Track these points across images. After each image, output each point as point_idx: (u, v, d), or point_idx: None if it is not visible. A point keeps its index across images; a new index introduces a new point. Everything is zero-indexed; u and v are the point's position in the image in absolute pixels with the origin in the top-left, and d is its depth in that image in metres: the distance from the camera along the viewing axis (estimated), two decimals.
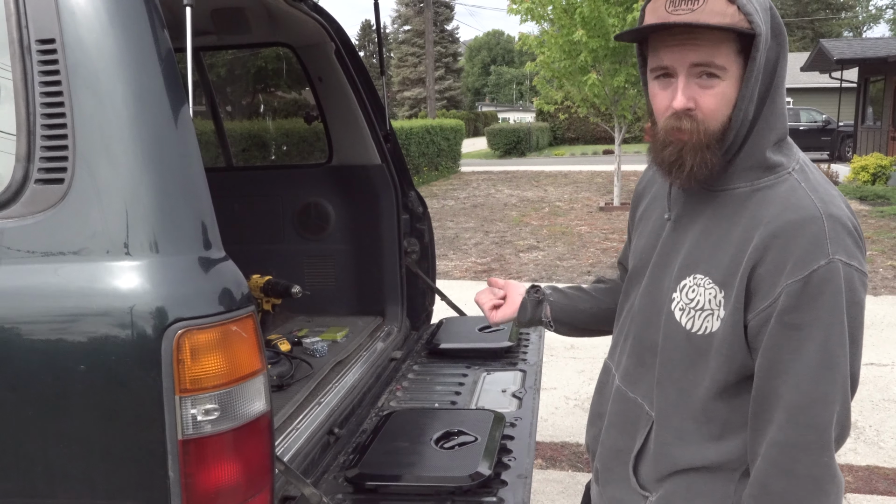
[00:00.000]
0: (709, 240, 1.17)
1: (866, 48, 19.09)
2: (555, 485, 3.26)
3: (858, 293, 1.07)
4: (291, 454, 1.79)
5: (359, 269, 2.99)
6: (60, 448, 1.21)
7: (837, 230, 1.06)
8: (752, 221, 1.11)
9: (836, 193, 1.13)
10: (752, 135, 1.13)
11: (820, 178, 1.15)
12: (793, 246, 1.06)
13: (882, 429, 3.84)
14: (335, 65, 2.76)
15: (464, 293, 5.87)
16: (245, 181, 3.19)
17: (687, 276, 1.19)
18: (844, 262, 1.05)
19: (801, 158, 1.17)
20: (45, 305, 1.21)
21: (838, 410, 1.07)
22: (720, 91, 1.10)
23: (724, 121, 1.11)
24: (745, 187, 1.14)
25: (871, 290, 6.67)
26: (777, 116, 1.13)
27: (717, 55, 1.08)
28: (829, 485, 1.08)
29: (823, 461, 1.07)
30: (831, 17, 57.78)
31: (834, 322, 1.05)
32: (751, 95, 1.10)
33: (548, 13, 11.60)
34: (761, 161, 1.13)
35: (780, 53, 1.11)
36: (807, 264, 1.05)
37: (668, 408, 1.23)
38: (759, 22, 1.06)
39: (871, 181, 14.53)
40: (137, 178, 1.21)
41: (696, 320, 1.17)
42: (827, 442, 1.07)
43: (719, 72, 1.09)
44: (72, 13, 1.23)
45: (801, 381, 1.06)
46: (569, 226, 10.77)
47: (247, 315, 1.26)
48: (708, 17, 1.06)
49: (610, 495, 1.35)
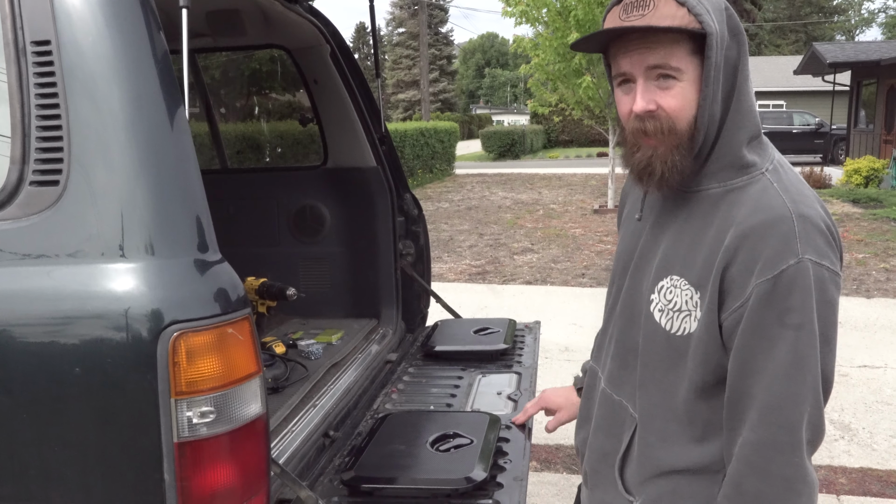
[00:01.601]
0: (684, 241, 1.18)
1: (859, 52, 19.20)
2: (550, 487, 3.26)
3: (829, 292, 1.07)
4: (287, 457, 1.79)
5: (354, 271, 2.98)
6: (55, 451, 1.21)
7: (808, 230, 1.07)
8: (724, 222, 1.12)
9: (810, 193, 1.13)
10: (723, 134, 1.13)
11: (793, 177, 1.15)
12: (762, 246, 1.07)
13: (875, 431, 3.86)
14: (330, 67, 2.76)
15: (459, 295, 5.85)
16: (240, 183, 3.18)
17: (664, 278, 1.20)
18: (814, 262, 1.06)
19: (776, 158, 1.17)
20: (40, 308, 1.21)
21: (809, 411, 1.07)
22: (679, 91, 1.11)
23: (690, 121, 1.12)
24: (717, 188, 1.15)
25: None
26: (745, 114, 1.14)
27: (671, 57, 1.10)
28: (801, 485, 1.08)
29: (795, 461, 1.07)
30: (824, 20, 58.04)
31: (804, 322, 1.06)
32: (713, 95, 1.10)
33: (542, 16, 11.62)
34: (735, 160, 1.14)
35: (739, 52, 1.12)
36: (776, 264, 1.06)
37: (651, 409, 1.23)
38: (709, 22, 1.07)
39: (863, 184, 14.61)
40: (133, 181, 1.21)
41: (674, 321, 1.18)
42: (798, 442, 1.07)
43: (676, 73, 1.10)
44: (67, 15, 1.22)
45: (772, 382, 1.07)
46: (563, 228, 10.78)
47: (242, 317, 1.26)
48: (658, 20, 1.08)
49: (598, 499, 1.36)
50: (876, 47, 20.07)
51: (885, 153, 16.23)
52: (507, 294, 6.93)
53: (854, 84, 19.30)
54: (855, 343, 5.29)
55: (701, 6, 1.08)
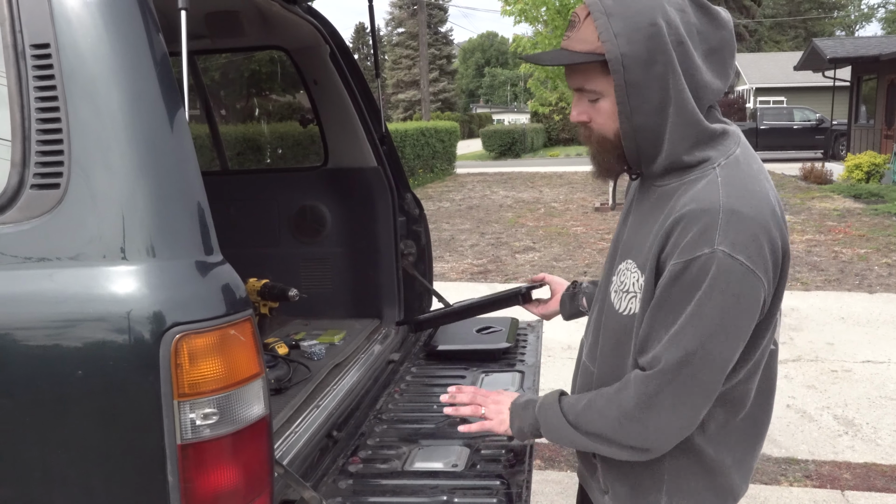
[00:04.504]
0: (642, 229, 1.28)
1: (859, 47, 19.15)
2: (553, 485, 3.26)
3: (736, 286, 1.12)
4: (290, 457, 1.79)
5: (355, 271, 2.98)
6: (58, 454, 1.21)
7: (731, 223, 1.12)
8: (669, 211, 1.20)
9: (759, 190, 1.18)
10: (667, 141, 1.21)
11: (747, 174, 1.20)
12: (686, 232, 1.14)
13: (879, 426, 3.85)
14: (330, 67, 2.76)
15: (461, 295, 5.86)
16: (241, 185, 3.18)
17: (622, 262, 1.31)
18: (727, 254, 1.11)
19: (735, 153, 1.22)
20: (42, 311, 1.21)
21: (677, 388, 1.16)
22: (602, 108, 1.24)
23: (616, 132, 1.24)
24: (674, 182, 1.23)
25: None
26: (687, 125, 1.19)
27: (587, 81, 1.23)
28: (631, 437, 1.22)
29: (642, 417, 1.20)
30: (824, 16, 57.97)
31: (702, 308, 1.13)
32: (628, 111, 1.20)
33: (541, 14, 11.62)
34: (678, 163, 1.22)
35: (667, 69, 1.16)
36: (692, 250, 1.13)
37: (605, 381, 1.33)
38: (612, 48, 1.16)
39: (864, 179, 14.59)
40: (134, 183, 1.21)
41: (622, 301, 1.29)
42: (651, 404, 1.18)
43: (594, 94, 1.23)
44: (66, 17, 1.22)
45: (661, 350, 1.17)
46: (564, 226, 10.78)
47: (245, 319, 1.26)
48: (575, 44, 1.21)
49: (579, 470, 1.52)
50: (876, 42, 20.02)
51: (886, 148, 16.20)
52: None
53: (854, 79, 19.27)
54: (858, 339, 5.29)
55: (609, 32, 1.16)
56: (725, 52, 1.22)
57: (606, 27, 1.16)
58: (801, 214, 11.10)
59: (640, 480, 1.31)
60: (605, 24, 1.16)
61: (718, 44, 1.21)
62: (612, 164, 1.29)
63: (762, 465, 3.46)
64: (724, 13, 1.23)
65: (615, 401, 1.24)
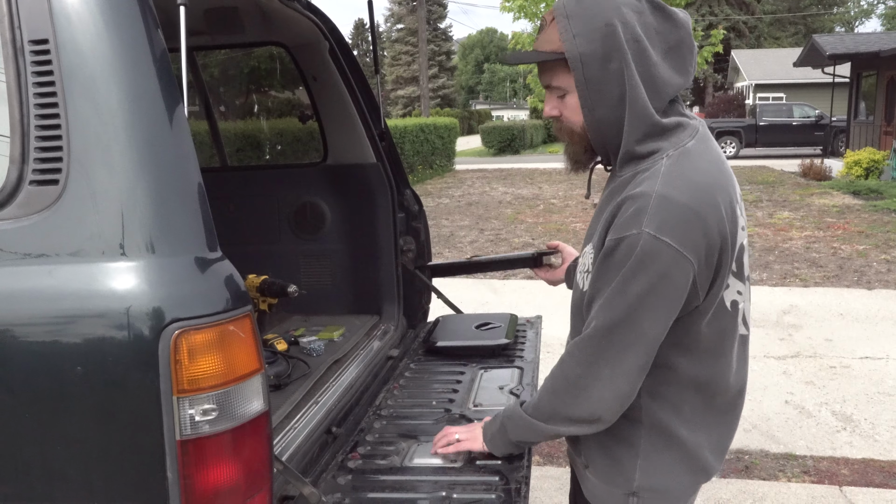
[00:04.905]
0: (600, 215, 1.38)
1: (858, 43, 19.14)
2: (552, 481, 3.27)
3: (658, 265, 1.21)
4: (290, 453, 1.79)
5: (355, 267, 2.98)
6: (58, 450, 1.21)
7: (661, 207, 1.21)
8: (620, 198, 1.30)
9: (701, 180, 1.25)
10: (624, 133, 1.30)
11: (693, 165, 1.27)
12: (623, 214, 1.25)
13: (877, 422, 3.86)
14: (329, 64, 2.76)
15: (460, 291, 5.87)
16: (240, 181, 3.18)
17: (586, 246, 1.42)
18: (652, 235, 1.20)
19: (688, 145, 1.30)
20: (41, 307, 1.21)
21: (600, 354, 1.28)
22: (568, 102, 1.35)
23: (582, 125, 1.35)
24: (629, 173, 1.32)
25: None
26: (638, 118, 1.28)
27: (553, 78, 1.34)
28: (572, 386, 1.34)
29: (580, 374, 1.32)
30: (823, 12, 57.91)
31: (627, 287, 1.23)
32: (590, 105, 1.31)
33: (541, 10, 11.62)
34: (631, 154, 1.31)
35: (622, 66, 1.26)
36: (623, 230, 1.24)
37: None
38: (571, 47, 1.27)
39: (864, 176, 14.59)
40: (133, 179, 1.21)
41: (585, 280, 1.39)
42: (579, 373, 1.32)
43: (561, 90, 1.35)
44: (65, 13, 1.22)
45: (592, 315, 1.30)
46: (564, 223, 10.78)
47: (244, 315, 1.26)
48: (541, 44, 1.33)
49: (568, 450, 1.59)
50: (875, 38, 20.00)
51: (886, 145, 16.20)
52: (508, 289, 6.93)
53: (854, 76, 19.25)
54: (856, 335, 5.29)
55: (568, 32, 1.27)
56: (684, 49, 1.31)
57: (567, 28, 1.27)
58: (800, 211, 11.11)
59: (618, 456, 1.40)
60: (566, 26, 1.27)
61: (676, 42, 1.31)
62: (580, 155, 1.42)
63: (761, 460, 3.46)
64: (681, 14, 1.32)
65: (560, 375, 1.37)
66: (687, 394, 1.36)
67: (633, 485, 1.40)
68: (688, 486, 1.42)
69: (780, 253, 8.12)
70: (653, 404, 1.36)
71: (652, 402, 1.36)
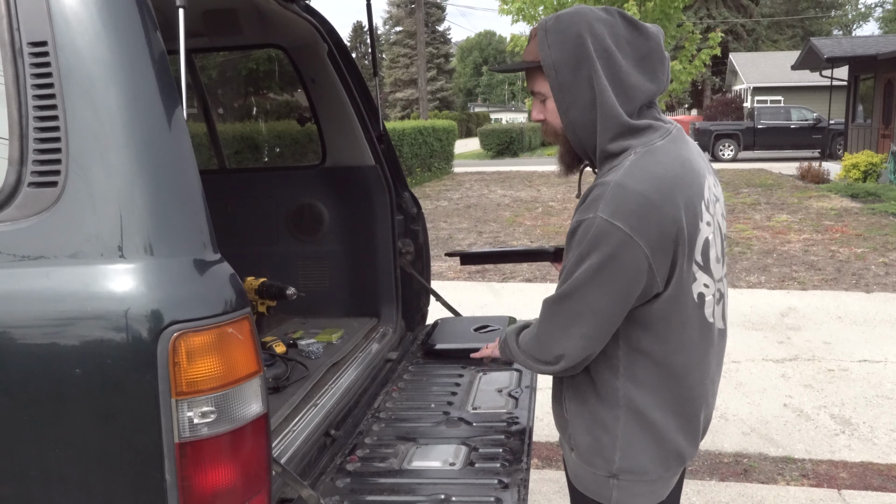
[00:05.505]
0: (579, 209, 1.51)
1: (856, 46, 19.17)
2: (551, 484, 3.27)
3: (608, 246, 1.32)
4: (288, 456, 1.79)
5: (353, 270, 2.98)
6: (56, 452, 1.21)
7: (616, 195, 1.33)
8: (589, 188, 1.42)
9: (663, 174, 1.35)
10: (598, 135, 1.42)
11: (658, 160, 1.37)
12: (585, 201, 1.39)
13: (876, 425, 3.86)
14: (328, 66, 2.76)
15: (458, 294, 5.85)
16: (239, 183, 3.18)
17: None
18: (605, 220, 1.32)
19: (657, 144, 1.40)
20: (40, 309, 1.21)
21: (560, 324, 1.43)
22: (549, 107, 1.49)
23: (561, 127, 1.49)
24: (605, 170, 1.43)
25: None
26: (608, 119, 1.40)
27: (535, 84, 1.50)
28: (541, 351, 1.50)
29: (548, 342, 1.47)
30: (821, 15, 58.03)
31: (582, 265, 1.35)
32: (565, 107, 1.44)
33: (539, 13, 11.63)
34: (605, 152, 1.43)
35: (591, 73, 1.39)
36: (583, 214, 1.36)
37: None
38: (546, 57, 1.42)
39: (862, 179, 14.60)
40: (131, 181, 1.21)
41: None
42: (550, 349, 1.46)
43: (542, 96, 1.50)
44: (64, 15, 1.22)
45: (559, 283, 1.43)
46: (562, 226, 10.78)
47: (242, 317, 1.26)
48: (526, 55, 1.49)
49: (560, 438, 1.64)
50: (873, 42, 20.04)
51: (883, 148, 16.22)
52: (506, 292, 6.93)
53: (851, 79, 19.28)
54: (855, 338, 5.30)
55: (545, 44, 1.43)
56: (654, 58, 1.44)
57: (544, 40, 1.43)
58: (798, 214, 11.12)
59: (599, 438, 1.49)
60: (543, 38, 1.43)
61: (647, 52, 1.43)
62: (564, 156, 1.55)
63: (759, 464, 3.46)
64: (652, 28, 1.46)
65: (535, 324, 1.55)
66: (661, 379, 1.45)
67: (613, 467, 1.49)
68: (663, 469, 1.50)
69: (779, 256, 8.12)
70: (630, 388, 1.45)
71: (630, 385, 1.45)
